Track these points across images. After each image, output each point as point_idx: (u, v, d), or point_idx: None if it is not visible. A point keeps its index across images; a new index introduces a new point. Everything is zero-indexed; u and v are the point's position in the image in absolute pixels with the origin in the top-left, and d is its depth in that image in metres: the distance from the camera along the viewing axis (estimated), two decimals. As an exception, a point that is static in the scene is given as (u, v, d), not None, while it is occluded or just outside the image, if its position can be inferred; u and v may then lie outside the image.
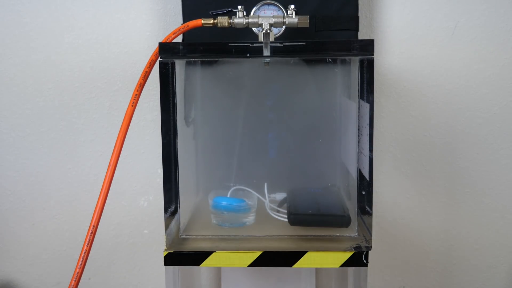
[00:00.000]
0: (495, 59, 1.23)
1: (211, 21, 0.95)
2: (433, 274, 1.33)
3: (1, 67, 1.27)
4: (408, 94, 1.25)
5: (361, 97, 0.88)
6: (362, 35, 1.21)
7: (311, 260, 0.89)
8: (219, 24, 0.95)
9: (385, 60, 1.24)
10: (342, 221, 0.93)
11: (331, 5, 1.09)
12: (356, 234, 0.92)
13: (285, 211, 0.98)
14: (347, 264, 0.89)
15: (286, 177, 1.12)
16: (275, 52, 0.87)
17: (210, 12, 0.97)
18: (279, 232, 0.94)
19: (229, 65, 1.08)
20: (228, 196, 1.00)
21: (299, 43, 0.87)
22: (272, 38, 0.91)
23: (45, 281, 1.36)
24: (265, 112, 1.11)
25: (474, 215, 1.30)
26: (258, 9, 1.04)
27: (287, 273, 1.16)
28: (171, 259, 0.91)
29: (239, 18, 0.94)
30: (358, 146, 0.91)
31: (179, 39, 1.09)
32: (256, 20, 0.93)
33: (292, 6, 0.92)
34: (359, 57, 0.87)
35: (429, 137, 1.27)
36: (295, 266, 0.90)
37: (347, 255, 0.89)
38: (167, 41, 0.95)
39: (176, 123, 0.89)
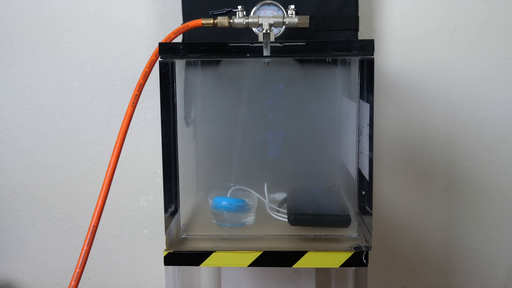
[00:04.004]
0: (495, 59, 1.23)
1: (211, 21, 0.95)
2: (433, 274, 1.33)
3: (1, 67, 1.27)
4: (408, 94, 1.25)
5: (361, 97, 0.88)
6: (362, 35, 1.21)
7: (311, 260, 0.89)
8: (219, 24, 0.95)
9: (385, 60, 1.24)
10: (342, 221, 0.93)
11: (331, 5, 1.09)
12: (356, 234, 0.91)
13: (285, 211, 0.98)
14: (347, 264, 0.89)
15: (286, 177, 1.12)
16: (275, 52, 0.86)
17: (210, 12, 0.97)
18: (279, 232, 0.94)
19: (229, 65, 1.08)
20: (228, 196, 1.00)
21: (299, 43, 0.87)
22: (272, 38, 0.91)
23: (45, 281, 1.36)
24: (265, 112, 1.11)
25: (474, 215, 1.30)
26: (258, 9, 1.04)
27: (287, 273, 1.16)
28: (171, 259, 0.91)
29: (239, 18, 0.94)
30: (358, 146, 0.91)
31: (179, 39, 1.09)
32: (256, 20, 0.92)
33: (292, 6, 0.92)
34: (359, 57, 0.86)
35: (429, 137, 1.27)
36: (295, 266, 0.89)
37: (347, 255, 0.89)
38: (167, 41, 0.95)
39: (176, 123, 0.89)
